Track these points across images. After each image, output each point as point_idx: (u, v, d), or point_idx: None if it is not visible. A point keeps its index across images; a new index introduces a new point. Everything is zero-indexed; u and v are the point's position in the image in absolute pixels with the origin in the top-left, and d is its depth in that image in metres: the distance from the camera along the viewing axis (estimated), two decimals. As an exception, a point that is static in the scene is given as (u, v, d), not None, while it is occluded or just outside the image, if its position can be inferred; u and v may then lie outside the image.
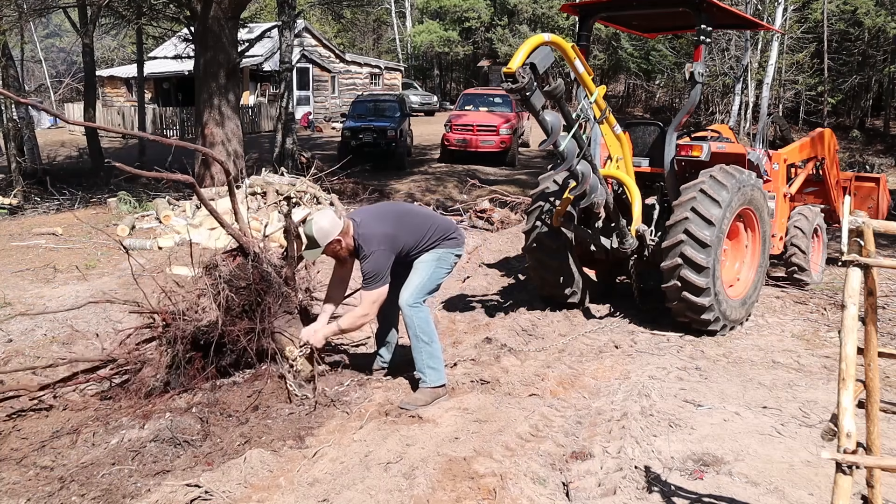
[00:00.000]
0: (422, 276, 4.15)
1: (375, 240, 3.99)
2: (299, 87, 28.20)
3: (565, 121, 4.64)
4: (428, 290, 4.20)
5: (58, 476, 3.15)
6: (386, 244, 4.01)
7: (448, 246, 4.28)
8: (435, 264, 4.21)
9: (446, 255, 4.26)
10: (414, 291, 4.12)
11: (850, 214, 2.07)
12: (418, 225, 4.21)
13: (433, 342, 4.09)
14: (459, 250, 4.36)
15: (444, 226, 4.33)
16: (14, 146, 14.26)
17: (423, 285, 4.14)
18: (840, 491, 1.98)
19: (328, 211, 4.15)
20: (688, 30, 6.56)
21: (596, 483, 3.05)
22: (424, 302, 4.19)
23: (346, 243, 4.06)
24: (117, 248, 8.11)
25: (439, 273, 4.24)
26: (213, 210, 4.18)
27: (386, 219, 4.18)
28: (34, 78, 35.47)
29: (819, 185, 7.49)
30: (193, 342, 4.02)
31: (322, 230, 3.97)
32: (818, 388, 4.20)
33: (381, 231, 4.04)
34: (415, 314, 4.08)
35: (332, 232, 3.98)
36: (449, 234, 4.28)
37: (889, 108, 27.70)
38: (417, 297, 4.12)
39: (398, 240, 4.07)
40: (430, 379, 4.04)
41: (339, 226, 4.00)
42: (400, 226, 4.14)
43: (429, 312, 4.18)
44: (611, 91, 36.09)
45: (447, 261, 4.28)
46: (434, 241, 4.21)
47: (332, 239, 3.99)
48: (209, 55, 11.72)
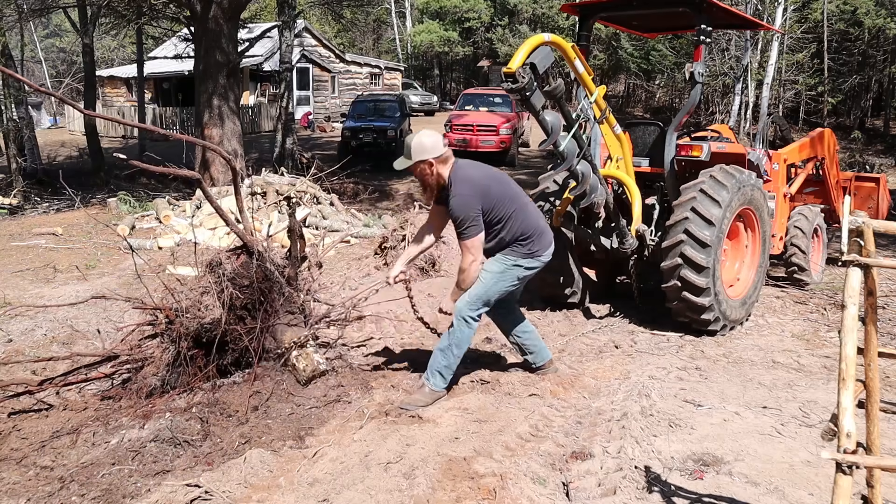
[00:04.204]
0: (482, 285, 3.97)
1: (468, 184, 3.81)
2: (299, 87, 28.20)
3: (565, 121, 4.64)
4: (485, 302, 4.00)
5: (58, 476, 3.15)
6: (476, 191, 3.80)
7: (517, 254, 3.98)
8: (498, 276, 3.98)
9: (513, 267, 3.98)
10: (471, 301, 3.97)
11: (850, 214, 2.07)
12: (511, 199, 3.92)
13: (458, 357, 4.03)
14: (532, 262, 4.01)
15: (526, 225, 3.97)
16: (14, 146, 14.26)
17: (479, 295, 3.97)
18: (840, 491, 1.98)
19: (437, 133, 3.98)
20: (688, 30, 6.56)
21: (596, 483, 3.05)
22: (480, 317, 4.04)
23: (438, 172, 3.86)
24: (117, 248, 8.12)
25: (500, 286, 3.99)
26: (217, 207, 4.16)
27: (487, 173, 3.96)
28: (34, 78, 35.44)
29: (819, 185, 7.49)
30: (196, 340, 4.02)
31: (421, 145, 3.82)
32: (818, 388, 4.20)
33: (478, 178, 3.86)
34: (463, 327, 3.98)
35: (431, 151, 3.81)
36: (525, 236, 3.97)
37: (889, 108, 27.70)
38: (472, 309, 3.97)
39: (490, 196, 3.84)
40: (434, 382, 4.01)
41: (440, 151, 3.83)
42: (498, 185, 3.91)
43: (474, 326, 4.02)
44: (611, 91, 36.09)
45: (513, 274, 3.99)
46: (509, 240, 3.96)
47: (426, 158, 3.81)
48: (209, 55, 11.72)
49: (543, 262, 4.07)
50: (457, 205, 3.80)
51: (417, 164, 3.85)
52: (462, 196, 3.80)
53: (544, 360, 4.39)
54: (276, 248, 4.97)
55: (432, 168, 3.85)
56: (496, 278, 3.98)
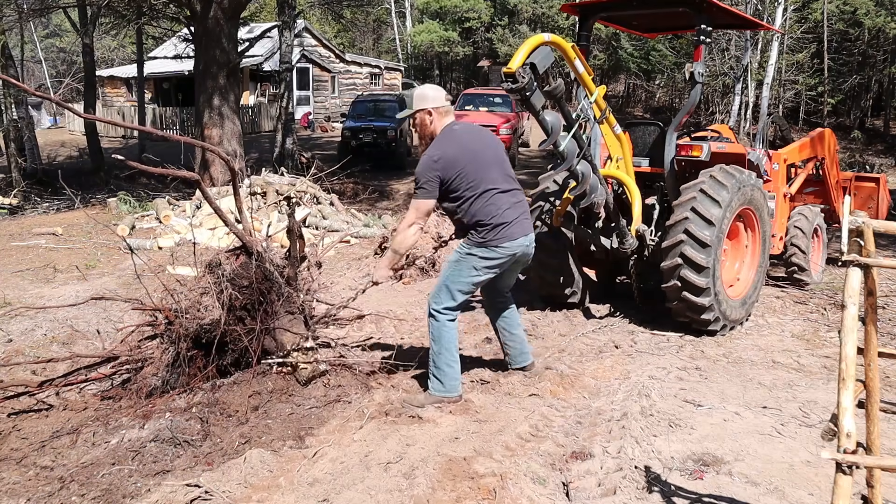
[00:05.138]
0: (442, 277, 3.94)
1: (440, 149, 3.73)
2: (299, 87, 28.21)
3: (565, 121, 4.64)
4: (450, 294, 3.87)
5: (58, 476, 3.15)
6: (441, 159, 3.70)
7: (471, 243, 3.83)
8: (453, 266, 3.88)
9: (467, 256, 3.83)
10: (433, 294, 3.92)
11: (850, 214, 2.07)
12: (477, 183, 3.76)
13: (447, 357, 3.88)
14: (487, 252, 3.81)
15: (483, 213, 3.77)
16: (14, 146, 14.27)
17: (439, 287, 3.91)
18: (840, 491, 1.98)
19: (441, 88, 3.98)
20: (688, 30, 6.56)
21: (596, 483, 3.05)
22: (450, 311, 3.89)
23: (434, 126, 3.83)
24: (117, 248, 8.12)
25: (460, 277, 3.84)
26: (217, 208, 4.16)
27: (469, 147, 3.80)
28: (34, 78, 35.45)
29: (819, 185, 7.49)
30: (195, 340, 4.02)
31: (423, 94, 3.84)
32: (818, 388, 4.20)
33: (453, 149, 3.75)
34: (434, 323, 3.91)
35: (432, 101, 3.81)
36: (481, 223, 3.78)
37: (889, 108, 27.72)
38: (437, 302, 3.89)
39: (453, 169, 3.71)
40: (431, 387, 3.95)
41: (442, 103, 3.83)
42: (471, 165, 3.76)
43: (445, 322, 3.89)
44: (611, 91, 36.08)
45: (468, 263, 3.83)
46: (466, 223, 3.82)
47: (426, 106, 3.80)
48: (209, 55, 11.72)
49: (501, 253, 3.82)
50: (420, 163, 3.78)
51: (418, 111, 3.85)
52: (427, 157, 3.76)
53: (522, 364, 4.34)
54: (276, 249, 4.97)
55: (430, 117, 3.85)
56: (452, 268, 3.90)
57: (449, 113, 3.90)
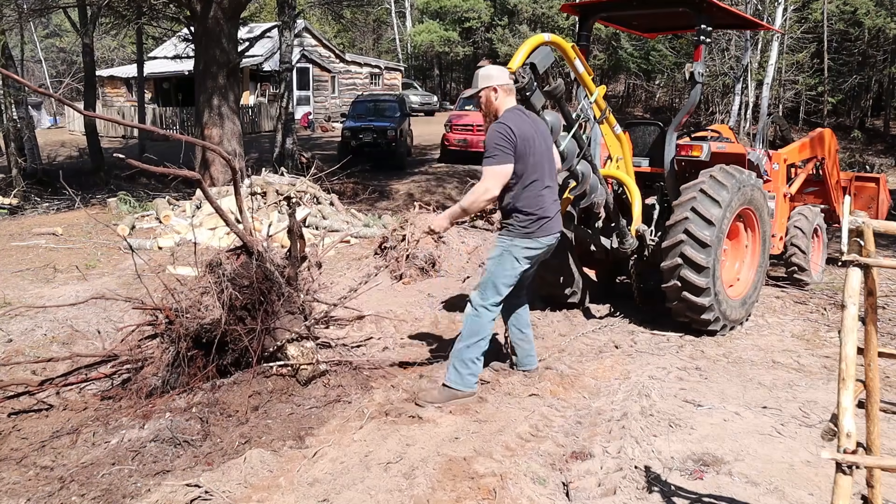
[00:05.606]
0: (486, 273, 3.97)
1: (515, 121, 3.77)
2: (299, 87, 28.22)
3: (565, 121, 4.64)
4: (495, 289, 3.91)
5: (58, 476, 3.15)
6: (518, 130, 3.74)
7: (512, 233, 3.90)
8: (497, 260, 3.92)
9: (511, 247, 3.89)
10: (479, 289, 3.95)
11: (850, 214, 2.07)
12: (536, 167, 3.83)
13: (474, 351, 3.92)
14: (528, 242, 3.89)
15: (532, 202, 3.85)
16: (14, 146, 14.28)
17: (484, 283, 3.94)
18: (840, 491, 1.98)
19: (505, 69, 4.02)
20: (688, 30, 6.56)
21: (596, 483, 3.05)
22: (494, 307, 3.94)
23: (499, 103, 3.88)
24: (117, 248, 8.12)
25: (504, 270, 3.90)
26: (218, 207, 4.16)
27: (539, 130, 3.91)
28: (34, 78, 35.47)
29: (819, 185, 7.50)
30: (196, 340, 4.02)
31: (488, 73, 3.88)
32: (818, 388, 4.21)
33: (527, 125, 3.81)
34: (473, 316, 3.93)
35: (497, 79, 3.86)
36: (528, 211, 3.85)
37: (889, 108, 27.72)
38: (483, 298, 3.92)
39: (525, 145, 3.76)
40: (447, 377, 3.96)
41: (507, 82, 3.88)
42: (539, 148, 3.84)
43: (488, 318, 3.94)
44: (611, 91, 36.10)
45: (511, 255, 3.90)
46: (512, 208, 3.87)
47: (491, 85, 3.85)
48: (209, 55, 11.72)
49: (542, 244, 3.94)
50: (493, 131, 3.77)
51: (484, 89, 3.88)
52: (500, 125, 3.77)
53: (527, 367, 4.38)
54: (276, 249, 4.97)
55: (496, 94, 3.87)
56: (495, 262, 3.94)
57: (513, 92, 3.95)
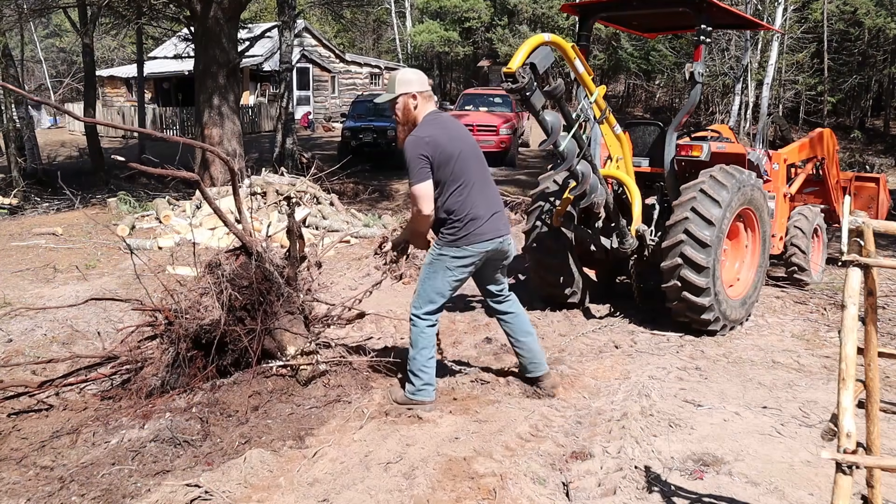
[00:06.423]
0: (420, 283, 3.88)
1: (428, 130, 3.61)
2: (299, 87, 28.21)
3: (565, 121, 4.64)
4: (428, 299, 3.80)
5: (58, 476, 3.15)
6: (431, 140, 3.58)
7: (441, 242, 3.74)
8: (428, 270, 3.81)
9: (439, 258, 3.76)
10: (414, 300, 3.88)
11: (850, 214, 2.07)
12: (460, 173, 3.65)
13: (422, 362, 3.84)
14: (457, 251, 3.71)
15: (460, 206, 3.67)
16: (14, 146, 14.28)
17: (419, 293, 3.85)
18: (840, 491, 1.98)
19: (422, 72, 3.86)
20: (688, 30, 6.56)
21: (596, 483, 3.05)
22: (430, 315, 3.83)
23: (418, 111, 3.69)
24: (117, 249, 8.12)
25: (437, 280, 3.78)
26: (217, 208, 4.16)
27: (458, 135, 3.73)
28: (34, 78, 35.49)
29: (819, 185, 7.49)
30: (195, 341, 4.02)
31: (405, 77, 3.71)
32: (818, 388, 4.21)
33: (441, 133, 3.62)
34: (413, 328, 3.88)
35: (416, 85, 3.67)
36: (455, 217, 3.67)
37: (889, 108, 27.72)
38: (416, 308, 3.84)
39: (441, 154, 3.59)
40: (407, 388, 3.91)
41: (426, 88, 3.69)
42: (458, 154, 3.65)
43: (424, 328, 3.84)
44: (611, 91, 36.09)
45: (441, 265, 3.75)
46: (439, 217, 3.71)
47: (408, 92, 3.66)
48: (209, 55, 11.72)
49: (472, 252, 3.71)
50: (407, 147, 3.62)
51: (401, 96, 3.70)
52: (415, 137, 3.61)
53: (534, 374, 4.13)
54: (276, 249, 4.96)
55: (414, 101, 3.70)
56: (427, 272, 3.81)
57: (432, 99, 3.78)
